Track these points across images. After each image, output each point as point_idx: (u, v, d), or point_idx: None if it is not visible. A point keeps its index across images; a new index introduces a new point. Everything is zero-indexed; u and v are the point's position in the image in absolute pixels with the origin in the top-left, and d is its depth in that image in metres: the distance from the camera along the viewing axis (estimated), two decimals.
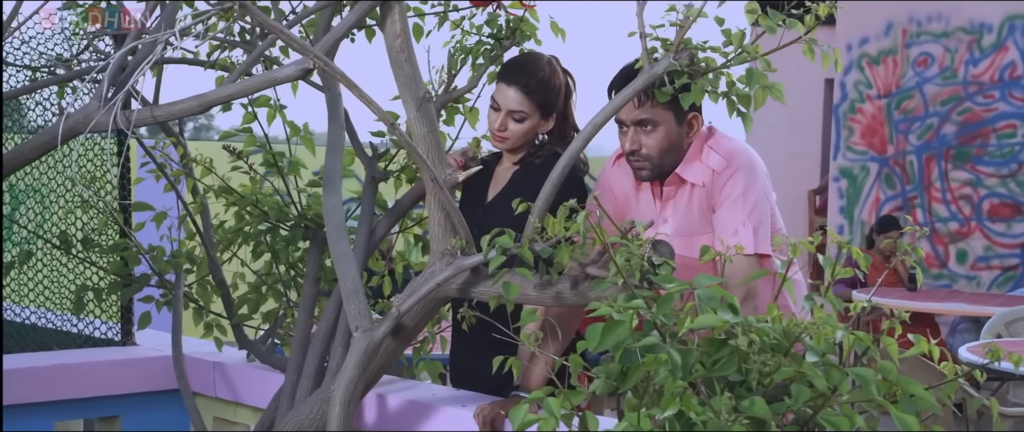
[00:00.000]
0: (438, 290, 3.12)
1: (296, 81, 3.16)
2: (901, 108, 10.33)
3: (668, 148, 3.42)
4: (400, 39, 3.10)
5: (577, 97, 3.88)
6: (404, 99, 3.12)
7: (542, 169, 3.76)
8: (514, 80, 3.69)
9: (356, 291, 3.17)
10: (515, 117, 3.70)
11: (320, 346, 3.64)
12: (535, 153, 3.80)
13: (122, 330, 4.55)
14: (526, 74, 3.70)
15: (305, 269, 4.07)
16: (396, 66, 3.11)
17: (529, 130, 3.72)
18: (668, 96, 3.01)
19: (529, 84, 3.68)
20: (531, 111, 3.70)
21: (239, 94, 3.06)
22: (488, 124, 3.73)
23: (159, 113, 3.09)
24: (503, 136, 3.73)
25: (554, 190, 3.06)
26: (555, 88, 3.75)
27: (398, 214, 3.84)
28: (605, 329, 2.47)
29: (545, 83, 3.71)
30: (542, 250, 2.95)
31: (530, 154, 3.80)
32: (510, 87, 3.69)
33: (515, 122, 3.71)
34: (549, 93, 3.72)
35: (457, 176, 3.14)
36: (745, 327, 2.28)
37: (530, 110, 3.69)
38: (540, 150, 3.80)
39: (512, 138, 3.72)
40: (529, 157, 3.80)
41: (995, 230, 9.91)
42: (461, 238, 3.10)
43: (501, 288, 3.00)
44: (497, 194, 3.83)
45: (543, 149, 3.80)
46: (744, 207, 3.37)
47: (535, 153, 3.80)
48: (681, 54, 3.00)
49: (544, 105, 3.71)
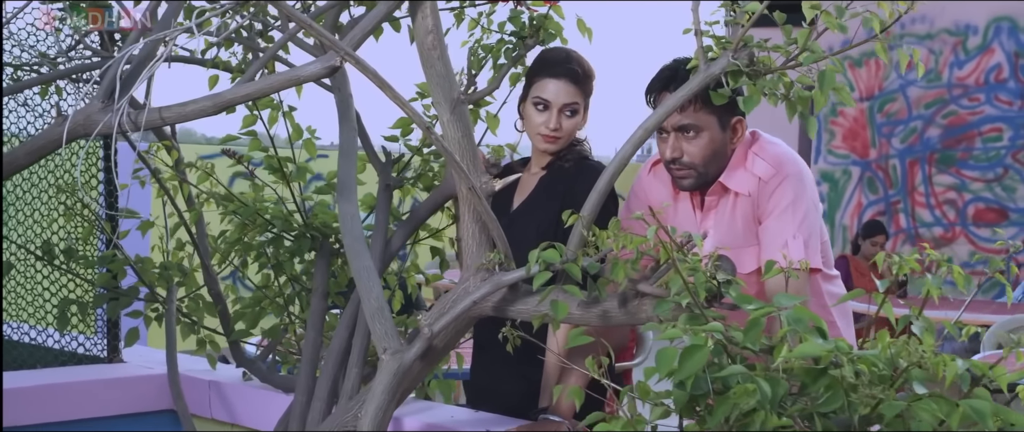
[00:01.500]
0: (473, 308, 2.87)
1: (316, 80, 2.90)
2: (884, 111, 10.17)
3: (711, 155, 3.18)
4: (432, 36, 2.84)
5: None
6: (436, 100, 2.86)
7: (571, 174, 3.53)
8: (562, 72, 3.48)
9: (381, 309, 2.92)
10: (569, 111, 3.50)
11: (333, 366, 3.38)
12: (563, 157, 3.57)
13: (108, 346, 4.27)
14: (573, 63, 3.51)
15: (310, 282, 3.81)
16: (427, 65, 2.86)
17: (579, 124, 3.55)
18: (726, 98, 2.77)
19: (578, 73, 3.50)
20: (582, 102, 3.52)
21: (258, 94, 2.80)
22: (531, 127, 3.51)
23: (168, 115, 2.82)
24: (557, 135, 3.52)
25: (601, 199, 2.82)
26: (594, 78, 3.57)
27: (414, 224, 3.58)
28: (683, 355, 2.23)
29: (589, 71, 3.55)
30: (590, 266, 2.71)
31: (558, 158, 3.58)
32: (559, 80, 3.48)
33: (568, 117, 3.51)
34: (591, 82, 3.55)
35: (494, 184, 2.89)
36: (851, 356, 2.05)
37: (582, 101, 3.52)
38: (567, 154, 3.57)
39: (565, 136, 3.55)
40: (557, 161, 3.58)
41: (980, 235, 9.77)
42: (499, 252, 2.85)
43: (544, 306, 2.75)
44: (523, 202, 3.60)
45: (570, 153, 3.57)
46: (794, 218, 3.14)
47: (563, 157, 3.57)
48: (740, 53, 2.77)
49: (587, 97, 3.54)
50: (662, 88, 3.17)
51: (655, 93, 3.18)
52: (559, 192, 3.49)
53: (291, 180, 3.75)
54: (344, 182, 3.25)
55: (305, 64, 2.75)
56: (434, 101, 2.87)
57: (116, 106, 2.78)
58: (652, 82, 3.20)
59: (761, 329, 2.22)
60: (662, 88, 3.17)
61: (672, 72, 3.17)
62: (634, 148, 2.82)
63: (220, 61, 3.64)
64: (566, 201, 3.45)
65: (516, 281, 2.84)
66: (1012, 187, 9.58)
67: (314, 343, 3.56)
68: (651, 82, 3.21)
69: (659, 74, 3.20)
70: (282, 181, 3.79)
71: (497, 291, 2.86)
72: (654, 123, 2.78)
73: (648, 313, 2.76)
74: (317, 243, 3.73)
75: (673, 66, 3.19)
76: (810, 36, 2.74)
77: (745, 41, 2.76)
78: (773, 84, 2.78)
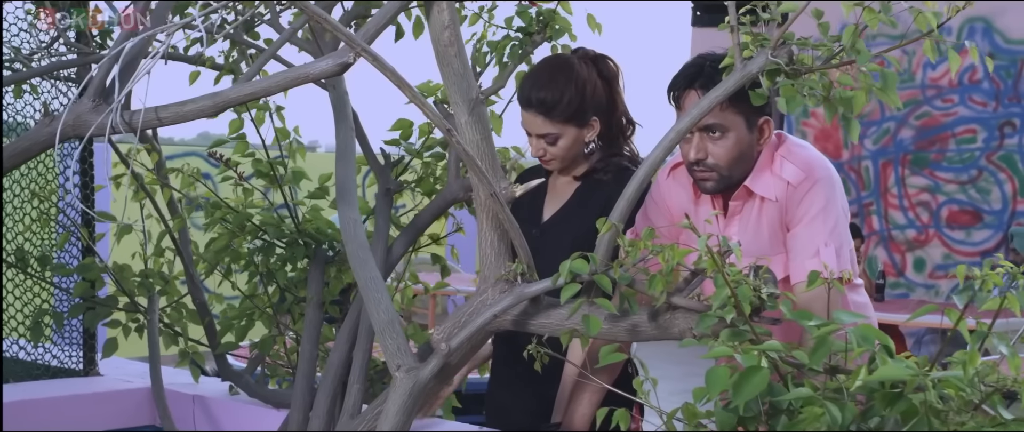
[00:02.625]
0: (493, 322, 2.69)
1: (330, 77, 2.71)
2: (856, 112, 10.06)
3: (738, 157, 3.01)
4: (449, 31, 2.65)
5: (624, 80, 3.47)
6: (453, 101, 2.68)
7: (610, 186, 3.34)
8: (528, 102, 3.31)
9: (392, 323, 2.73)
10: (548, 140, 3.32)
11: (332, 381, 3.19)
12: (602, 168, 3.39)
13: (84, 358, 4.05)
14: (543, 93, 3.30)
15: (303, 292, 3.62)
16: (444, 63, 2.67)
17: (570, 146, 3.34)
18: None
19: (547, 105, 3.29)
20: (562, 129, 3.31)
21: (264, 92, 2.61)
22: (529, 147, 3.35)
23: (166, 115, 2.62)
24: (548, 161, 3.37)
25: (630, 207, 2.65)
26: (583, 94, 3.33)
27: (417, 232, 3.39)
28: (742, 378, 2.07)
29: (561, 97, 3.30)
30: (621, 277, 2.53)
31: (596, 169, 3.39)
32: (527, 111, 3.31)
33: (550, 145, 3.33)
34: (575, 102, 3.32)
35: (514, 190, 2.70)
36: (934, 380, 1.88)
37: (560, 128, 3.31)
38: (607, 165, 3.39)
39: (559, 160, 3.36)
40: (595, 172, 3.39)
41: (954, 238, 9.68)
42: (521, 262, 2.67)
43: (574, 320, 2.58)
44: (556, 212, 3.42)
45: (610, 163, 3.39)
46: (825, 225, 2.98)
47: (602, 168, 3.39)
48: (780, 50, 2.60)
49: (575, 117, 3.32)
50: (686, 86, 3.00)
51: (679, 91, 3.01)
52: (597, 203, 3.30)
53: (283, 184, 3.55)
54: (343, 186, 3.07)
55: (315, 61, 2.56)
56: (451, 101, 2.68)
57: (112, 105, 2.58)
58: (675, 80, 3.03)
59: (828, 349, 2.06)
60: (686, 86, 3.00)
61: (697, 69, 3.00)
62: (665, 152, 2.65)
63: (208, 59, 3.44)
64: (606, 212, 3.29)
65: (540, 293, 2.66)
66: (986, 189, 9.50)
67: (310, 356, 3.36)
68: (674, 80, 3.04)
69: (683, 71, 3.03)
70: (272, 185, 3.59)
71: (518, 304, 2.68)
72: (687, 124, 2.61)
73: (681, 327, 2.59)
74: (310, 250, 3.54)
75: (698, 63, 3.02)
76: (857, 33, 2.58)
77: (785, 38, 2.60)
78: (813, 83, 2.62)
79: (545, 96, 3.31)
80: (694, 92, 2.99)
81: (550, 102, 3.31)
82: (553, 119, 3.32)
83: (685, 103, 3.01)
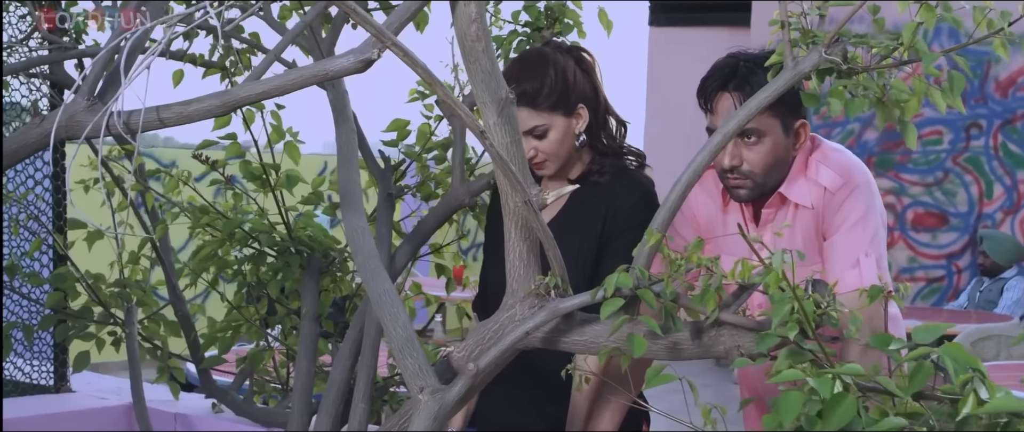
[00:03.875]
0: (524, 340, 2.48)
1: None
2: (820, 113, 9.93)
3: (774, 163, 2.83)
4: (476, 25, 2.44)
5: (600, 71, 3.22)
6: (481, 100, 2.46)
7: (609, 188, 3.10)
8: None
9: (410, 340, 2.52)
10: (536, 134, 3.06)
11: (334, 399, 2.98)
12: (598, 170, 3.12)
13: (55, 373, 3.80)
14: (524, 84, 3.02)
15: (295, 303, 3.40)
16: (470, 59, 2.45)
17: (561, 139, 3.06)
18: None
19: (530, 95, 3.02)
20: (549, 119, 3.03)
21: (277, 91, 2.38)
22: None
23: (168, 115, 2.40)
24: (540, 163, 3.07)
25: (671, 216, 2.44)
26: (565, 80, 3.07)
27: (421, 239, 3.18)
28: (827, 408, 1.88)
29: (542, 86, 3.03)
30: (664, 292, 2.34)
31: (591, 171, 3.13)
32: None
33: (538, 139, 3.05)
34: (558, 87, 3.04)
35: (545, 196, 2.49)
36: None
37: (545, 119, 3.03)
38: (602, 166, 3.13)
39: (550, 159, 3.06)
40: (590, 174, 3.12)
41: (919, 240, 9.58)
42: (555, 275, 2.47)
43: (618, 339, 2.38)
44: (553, 220, 3.15)
45: (605, 164, 3.13)
46: (865, 233, 2.80)
47: (598, 170, 3.12)
48: (834, 48, 2.43)
49: (559, 105, 3.05)
50: (720, 88, 2.81)
51: (711, 94, 2.82)
52: (597, 207, 3.07)
53: (276, 188, 3.33)
54: (347, 191, 2.84)
55: (335, 57, 2.35)
56: (479, 101, 2.47)
57: (111, 104, 2.35)
58: (706, 82, 2.84)
59: (927, 376, 1.88)
60: (720, 88, 2.81)
61: (730, 70, 2.81)
62: (711, 156, 2.44)
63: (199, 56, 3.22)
64: (608, 216, 3.07)
65: (574, 308, 2.46)
66: (952, 191, 9.41)
67: (307, 372, 3.15)
68: (705, 82, 2.85)
69: (715, 73, 2.84)
70: (263, 190, 3.37)
71: (551, 320, 2.48)
72: (735, 127, 2.41)
73: (726, 345, 2.40)
74: (304, 259, 3.32)
75: (731, 63, 2.83)
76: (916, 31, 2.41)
77: (841, 34, 2.43)
78: (868, 84, 2.45)
79: (526, 87, 3.04)
80: (728, 94, 2.80)
81: (532, 91, 3.03)
82: (539, 108, 3.04)
83: (718, 106, 2.82)
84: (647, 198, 3.06)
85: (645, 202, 3.11)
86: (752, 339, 2.37)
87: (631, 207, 3.07)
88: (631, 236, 3.11)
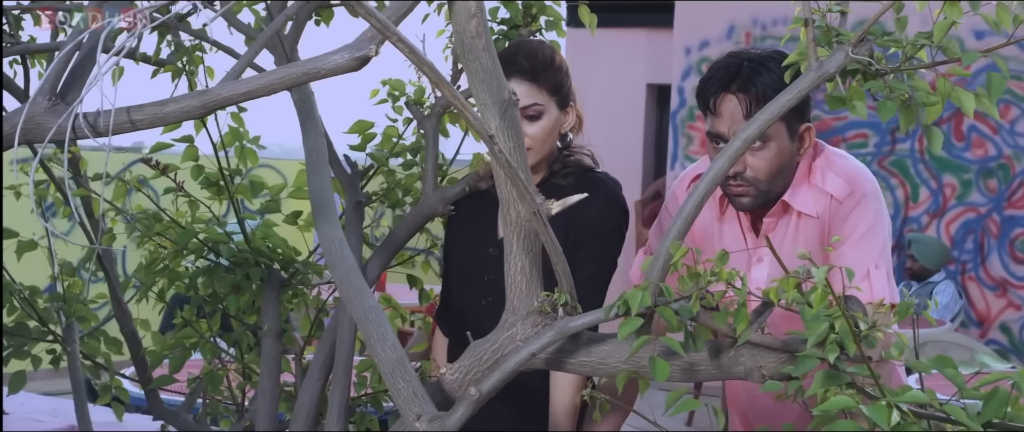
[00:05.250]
0: (530, 362, 2.29)
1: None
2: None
3: (779, 169, 2.67)
4: (476, 19, 2.25)
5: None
6: (482, 102, 2.27)
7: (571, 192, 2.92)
8: (511, 70, 2.85)
9: (401, 362, 2.32)
10: (529, 114, 2.86)
11: (304, 423, 2.77)
12: (559, 171, 2.95)
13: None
14: (522, 58, 2.87)
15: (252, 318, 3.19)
16: (470, 57, 2.26)
17: (551, 128, 2.88)
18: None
19: (531, 67, 2.84)
20: (546, 101, 2.86)
21: (263, 91, 2.17)
22: None
23: (140, 117, 2.18)
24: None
25: (688, 224, 2.27)
26: (563, 68, 2.93)
27: (392, 250, 2.98)
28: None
29: (550, 63, 2.89)
30: (683, 310, 2.17)
31: (553, 173, 2.96)
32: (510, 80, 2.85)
33: (530, 122, 2.87)
34: (559, 74, 2.89)
35: (550, 206, 2.31)
36: None
37: (545, 100, 2.85)
38: (564, 168, 2.96)
39: (536, 145, 2.88)
40: (552, 177, 2.96)
41: None
42: (563, 292, 2.28)
43: (638, 361, 2.21)
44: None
45: (568, 163, 2.96)
46: (874, 245, 2.66)
47: (559, 171, 2.95)
48: (861, 47, 2.28)
49: (558, 91, 2.88)
50: (722, 89, 2.65)
51: (713, 96, 2.66)
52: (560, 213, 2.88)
53: (234, 194, 3.10)
54: (319, 200, 2.63)
55: (327, 54, 2.14)
56: (479, 103, 2.28)
57: (75, 105, 2.12)
58: (707, 83, 2.68)
59: (1004, 403, 1.72)
60: (722, 89, 2.65)
61: (734, 70, 2.65)
62: (730, 163, 2.28)
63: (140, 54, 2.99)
64: (572, 224, 2.89)
65: (583, 328, 2.28)
66: None
67: (271, 394, 2.94)
68: (705, 83, 2.68)
69: (717, 73, 2.67)
70: (218, 197, 3.14)
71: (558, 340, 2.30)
72: (756, 132, 2.25)
73: (746, 366, 2.24)
74: (263, 272, 3.10)
75: (734, 63, 2.66)
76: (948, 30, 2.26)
77: (871, 32, 2.27)
78: (896, 86, 2.30)
79: (531, 64, 2.87)
80: (732, 95, 2.64)
81: (538, 67, 2.86)
82: (540, 85, 2.86)
83: (722, 108, 2.65)
84: (614, 203, 2.90)
85: (612, 208, 2.93)
86: (775, 359, 2.22)
87: (597, 213, 2.89)
88: (600, 245, 2.94)
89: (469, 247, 3.01)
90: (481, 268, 2.97)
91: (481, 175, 3.00)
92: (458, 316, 3.05)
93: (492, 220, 3.00)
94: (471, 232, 3.02)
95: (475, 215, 3.00)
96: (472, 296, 3.00)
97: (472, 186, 3.00)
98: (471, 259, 3.00)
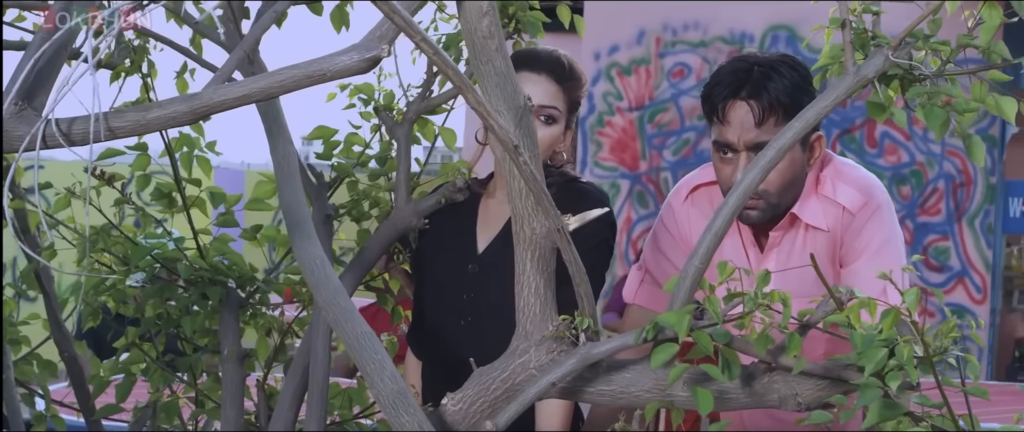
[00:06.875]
0: (549, 392, 2.11)
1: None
2: (655, 121, 9.75)
3: (790, 181, 2.51)
4: (488, 19, 2.06)
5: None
6: (495, 108, 2.08)
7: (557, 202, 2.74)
8: (541, 65, 2.70)
9: (402, 394, 2.12)
10: (544, 115, 2.70)
11: None
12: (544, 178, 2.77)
13: None
14: (553, 60, 2.73)
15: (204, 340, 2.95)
16: (482, 58, 2.07)
17: (556, 139, 2.73)
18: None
19: (561, 72, 2.71)
20: (563, 111, 2.71)
21: (261, 94, 1.95)
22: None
23: (120, 124, 1.94)
24: None
25: (717, 242, 2.10)
26: (583, 90, 2.79)
27: (365, 267, 2.78)
28: None
29: (577, 73, 2.75)
30: (718, 334, 2.00)
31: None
32: (537, 74, 2.68)
33: (544, 124, 2.70)
34: (580, 89, 2.77)
35: (568, 222, 2.12)
36: None
37: (563, 109, 2.71)
38: (548, 177, 2.77)
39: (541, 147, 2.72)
40: None
41: None
42: (585, 316, 2.10)
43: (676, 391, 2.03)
44: (495, 241, 2.78)
45: (550, 173, 2.78)
46: (891, 259, 2.52)
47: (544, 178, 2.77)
48: (901, 50, 2.12)
49: (573, 105, 2.75)
50: (731, 95, 2.48)
51: (722, 102, 2.49)
52: None
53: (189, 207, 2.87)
54: (293, 214, 2.42)
55: (335, 55, 1.93)
56: (492, 109, 2.08)
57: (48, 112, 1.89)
58: (714, 89, 2.51)
59: None
60: (731, 95, 2.48)
61: (743, 75, 2.49)
62: (764, 174, 2.12)
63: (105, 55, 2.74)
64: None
65: (606, 356, 2.09)
66: None
67: (236, 423, 2.71)
68: (712, 88, 2.51)
69: (725, 79, 2.50)
70: (169, 211, 2.90)
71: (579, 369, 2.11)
72: (790, 141, 2.08)
73: (781, 393, 2.08)
74: (219, 291, 2.86)
75: (743, 67, 2.50)
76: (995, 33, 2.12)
77: (914, 34, 2.12)
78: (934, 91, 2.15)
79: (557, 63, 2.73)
80: (742, 102, 2.48)
81: (565, 75, 2.73)
82: (564, 87, 2.72)
83: (731, 115, 2.49)
84: (602, 216, 2.72)
85: (600, 220, 2.76)
86: (813, 386, 2.07)
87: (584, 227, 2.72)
88: (589, 260, 2.75)
89: (445, 263, 2.81)
90: (459, 286, 2.77)
91: (458, 187, 2.81)
92: (432, 337, 2.85)
93: (471, 234, 2.81)
94: (447, 247, 2.83)
95: (451, 229, 2.81)
96: (449, 316, 2.81)
97: (449, 198, 2.81)
98: (448, 276, 2.80)
